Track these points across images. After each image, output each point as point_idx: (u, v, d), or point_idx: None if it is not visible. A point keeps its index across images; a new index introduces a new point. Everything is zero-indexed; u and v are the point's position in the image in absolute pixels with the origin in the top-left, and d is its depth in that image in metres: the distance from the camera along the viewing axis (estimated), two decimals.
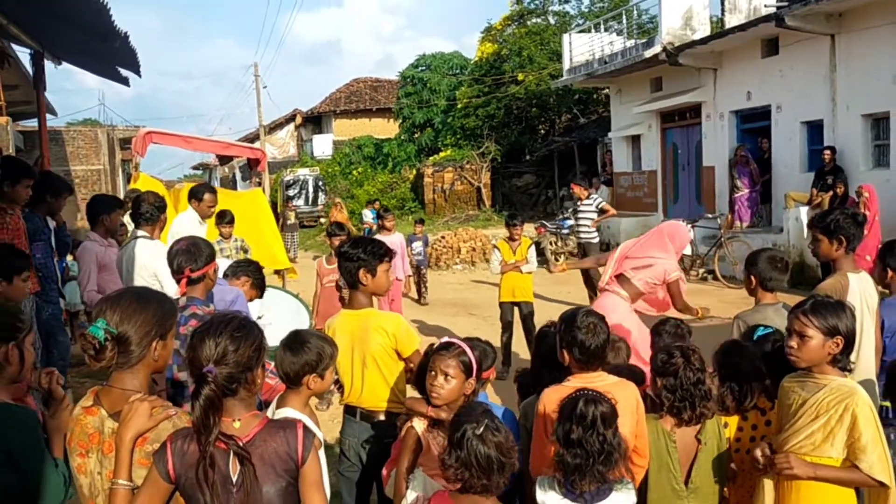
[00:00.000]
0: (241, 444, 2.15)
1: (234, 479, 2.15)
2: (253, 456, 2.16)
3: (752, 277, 4.00)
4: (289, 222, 21.45)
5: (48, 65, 9.99)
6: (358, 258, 3.62)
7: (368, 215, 18.62)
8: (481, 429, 2.41)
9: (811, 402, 2.83)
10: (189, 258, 3.64)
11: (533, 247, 8.65)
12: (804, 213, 12.66)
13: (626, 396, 2.90)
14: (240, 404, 2.22)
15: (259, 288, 4.82)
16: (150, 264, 4.73)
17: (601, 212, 11.22)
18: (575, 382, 2.93)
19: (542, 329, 3.70)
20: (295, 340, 3.01)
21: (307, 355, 2.95)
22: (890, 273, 4.02)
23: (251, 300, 4.84)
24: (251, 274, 4.78)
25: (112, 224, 5.78)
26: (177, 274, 3.68)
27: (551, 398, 2.91)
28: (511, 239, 8.51)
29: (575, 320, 2.97)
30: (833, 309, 2.89)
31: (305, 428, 2.26)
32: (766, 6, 16.03)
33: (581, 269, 10.22)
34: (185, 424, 2.25)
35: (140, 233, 4.85)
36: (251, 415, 2.24)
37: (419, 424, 3.06)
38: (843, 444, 2.77)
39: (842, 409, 2.76)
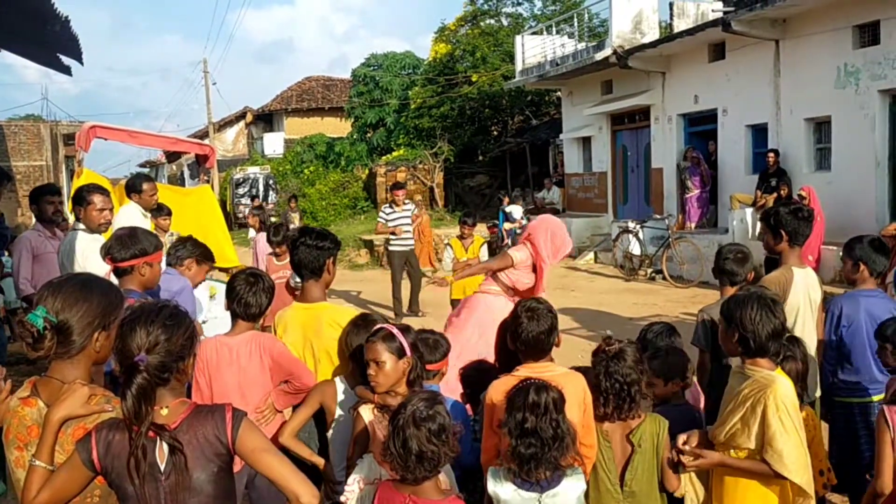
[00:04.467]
0: (171, 432, 2.08)
1: (163, 468, 2.08)
2: (182, 442, 2.09)
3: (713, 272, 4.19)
4: (292, 226, 18.22)
5: None
6: (328, 248, 3.64)
7: (519, 212, 13.22)
8: (405, 418, 2.41)
9: (737, 394, 2.87)
10: (116, 246, 3.45)
11: (485, 245, 8.69)
12: (749, 214, 12.95)
13: (574, 387, 2.90)
14: (169, 393, 2.14)
15: (206, 258, 4.59)
16: (80, 258, 4.57)
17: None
18: (524, 372, 2.93)
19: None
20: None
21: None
22: (861, 266, 4.06)
23: (207, 273, 4.72)
24: (189, 251, 4.52)
25: (40, 212, 5.57)
26: (104, 259, 3.50)
27: (499, 389, 2.90)
28: (462, 237, 8.54)
29: (517, 311, 3.00)
30: (737, 302, 2.92)
31: (234, 410, 2.18)
32: (713, 11, 16.39)
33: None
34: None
35: (80, 225, 4.69)
36: (178, 402, 2.16)
37: (366, 411, 3.04)
38: (757, 436, 2.79)
39: (756, 401, 2.79)
